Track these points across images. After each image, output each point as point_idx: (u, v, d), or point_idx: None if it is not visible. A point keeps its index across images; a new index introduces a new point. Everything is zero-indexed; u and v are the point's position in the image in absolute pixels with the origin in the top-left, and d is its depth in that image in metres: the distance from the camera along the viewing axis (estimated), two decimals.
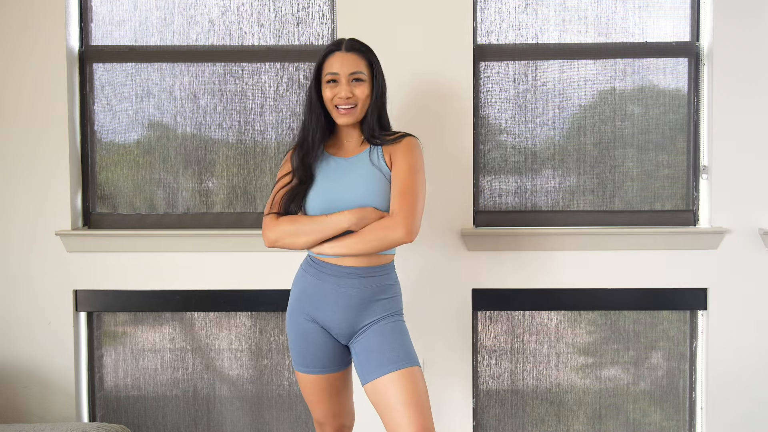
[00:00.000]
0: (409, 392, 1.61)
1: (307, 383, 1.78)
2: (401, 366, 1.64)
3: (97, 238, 2.33)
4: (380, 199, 1.71)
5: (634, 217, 2.39)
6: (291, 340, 1.79)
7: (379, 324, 1.71)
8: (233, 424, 2.45)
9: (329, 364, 1.76)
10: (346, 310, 1.71)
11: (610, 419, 2.44)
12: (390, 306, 1.75)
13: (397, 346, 1.67)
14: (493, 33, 2.38)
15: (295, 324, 1.77)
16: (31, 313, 2.35)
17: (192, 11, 2.40)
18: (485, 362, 2.43)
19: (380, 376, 1.63)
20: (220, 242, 2.32)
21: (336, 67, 1.74)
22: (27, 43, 2.31)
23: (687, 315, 2.41)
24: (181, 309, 2.39)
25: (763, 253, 2.31)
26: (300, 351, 1.76)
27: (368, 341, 1.70)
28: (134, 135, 2.42)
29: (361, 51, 1.76)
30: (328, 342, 1.75)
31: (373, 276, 1.73)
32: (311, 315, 1.75)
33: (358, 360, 1.71)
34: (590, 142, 2.39)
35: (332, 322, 1.72)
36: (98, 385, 2.46)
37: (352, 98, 1.73)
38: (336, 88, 1.74)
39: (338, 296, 1.71)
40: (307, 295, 1.75)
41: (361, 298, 1.71)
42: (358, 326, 1.72)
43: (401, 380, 1.62)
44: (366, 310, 1.72)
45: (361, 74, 1.74)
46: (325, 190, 1.74)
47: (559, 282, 2.34)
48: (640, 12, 2.38)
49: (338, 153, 1.81)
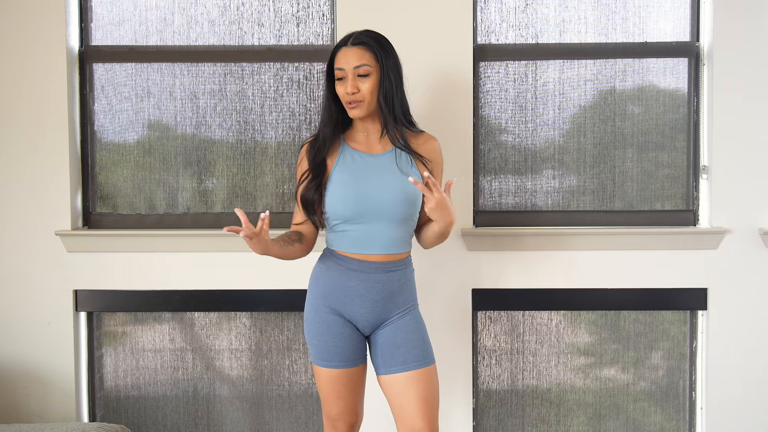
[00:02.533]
0: (425, 389, 1.73)
1: (327, 378, 1.78)
2: (421, 365, 1.74)
3: (97, 238, 2.33)
4: (415, 205, 1.78)
5: (634, 217, 2.39)
6: (313, 335, 1.79)
7: (403, 319, 1.79)
8: (233, 424, 2.45)
9: (351, 357, 1.77)
10: (374, 304, 1.76)
11: (610, 419, 2.44)
12: (411, 297, 1.83)
13: (420, 343, 1.77)
14: (493, 33, 2.38)
15: (318, 319, 1.79)
16: (31, 313, 2.35)
17: (192, 11, 2.40)
18: (485, 362, 2.43)
19: (401, 372, 1.74)
20: (220, 242, 2.32)
21: (341, 63, 1.75)
22: (27, 43, 2.31)
23: (687, 315, 2.41)
24: (181, 309, 2.39)
25: (763, 253, 2.31)
26: (322, 345, 1.78)
27: (393, 335, 1.77)
28: (134, 135, 2.42)
29: (367, 44, 1.74)
30: (352, 335, 1.78)
31: (398, 270, 1.79)
32: (337, 310, 1.78)
33: (380, 351, 1.78)
34: (590, 142, 2.39)
35: (359, 316, 1.77)
36: (98, 385, 2.45)
37: (358, 94, 1.73)
38: (344, 84, 1.74)
39: (366, 291, 1.76)
40: (332, 290, 1.78)
41: (388, 291, 1.77)
42: (384, 318, 1.79)
43: (420, 378, 1.73)
44: (391, 302, 1.78)
45: (365, 67, 1.73)
46: (354, 187, 1.75)
47: (559, 282, 2.34)
48: (640, 12, 2.38)
49: (360, 147, 1.81)
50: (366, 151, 1.81)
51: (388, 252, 1.77)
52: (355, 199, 1.74)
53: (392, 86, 1.76)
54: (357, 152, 1.80)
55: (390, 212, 1.74)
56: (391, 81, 1.75)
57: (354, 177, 1.76)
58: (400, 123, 1.80)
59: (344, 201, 1.74)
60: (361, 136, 1.83)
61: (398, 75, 1.79)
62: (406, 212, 1.76)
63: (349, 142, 1.83)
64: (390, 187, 1.74)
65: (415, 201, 1.77)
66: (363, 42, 1.75)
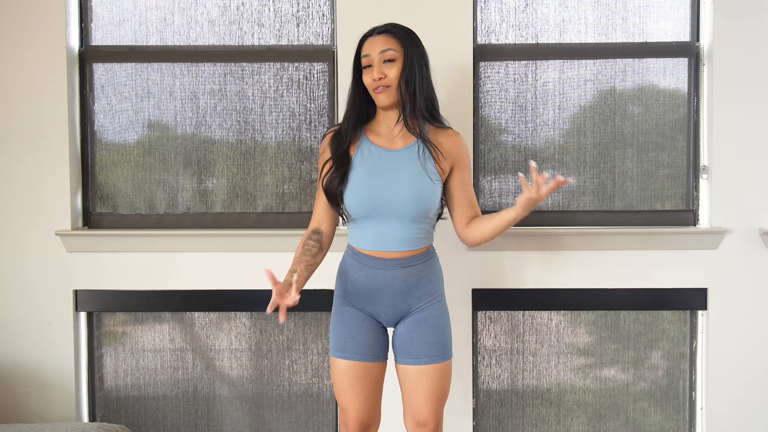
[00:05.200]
0: (435, 385, 1.76)
1: (342, 370, 1.79)
2: (433, 361, 1.76)
3: (97, 238, 2.33)
4: (428, 205, 1.76)
5: (634, 217, 2.39)
6: (333, 328, 1.82)
7: (424, 312, 1.79)
8: (233, 424, 2.45)
9: (366, 351, 1.78)
10: (393, 299, 1.78)
11: (610, 419, 2.44)
12: (434, 290, 1.81)
13: (435, 339, 1.77)
14: (493, 33, 2.38)
15: (338, 312, 1.82)
16: (31, 313, 2.35)
17: (192, 11, 2.40)
18: (485, 362, 2.43)
19: (414, 364, 1.77)
20: (220, 242, 2.32)
21: (368, 50, 1.76)
22: (27, 43, 2.31)
23: (687, 315, 2.41)
24: (181, 309, 2.39)
25: (763, 253, 2.31)
26: (340, 336, 1.79)
27: (411, 328, 1.78)
28: (134, 135, 2.42)
29: (393, 31, 1.76)
30: (371, 328, 1.80)
31: (416, 264, 1.79)
32: (358, 305, 1.80)
33: (399, 340, 1.80)
34: (590, 142, 2.39)
35: (380, 311, 1.79)
36: (98, 385, 2.45)
37: (385, 79, 1.73)
38: (370, 72, 1.75)
39: (385, 285, 1.77)
40: (353, 288, 1.80)
41: (406, 285, 1.77)
42: (406, 311, 1.80)
43: (431, 373, 1.76)
44: (411, 295, 1.78)
45: (391, 52, 1.73)
46: (366, 183, 1.74)
47: (559, 282, 2.34)
48: (640, 12, 2.38)
49: (379, 141, 1.80)
50: (385, 146, 1.79)
51: (404, 249, 1.77)
52: (365, 196, 1.73)
53: (415, 75, 1.75)
54: (375, 146, 1.79)
55: (403, 210, 1.73)
56: (414, 69, 1.75)
57: (368, 173, 1.75)
58: (421, 115, 1.77)
59: (356, 197, 1.74)
60: (383, 128, 1.82)
61: (424, 65, 1.78)
62: (420, 211, 1.75)
63: (369, 135, 1.82)
64: (403, 185, 1.73)
65: (429, 200, 1.75)
66: (389, 30, 1.77)
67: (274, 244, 2.30)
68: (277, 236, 2.30)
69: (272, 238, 2.30)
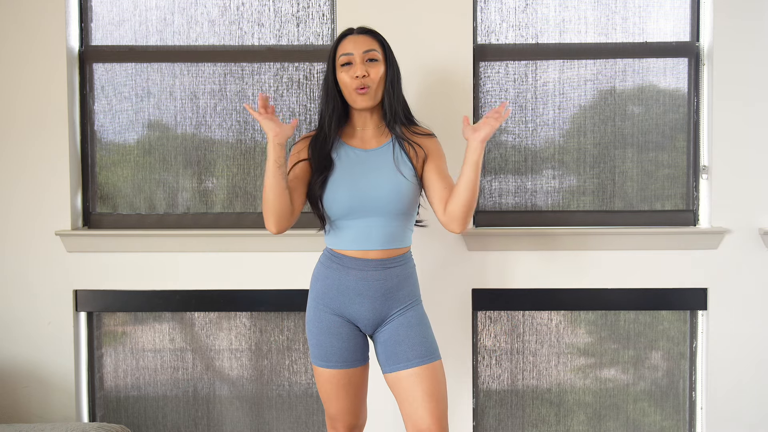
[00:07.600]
0: (431, 385, 1.71)
1: (326, 378, 1.78)
2: (426, 361, 1.72)
3: (97, 238, 2.33)
4: (406, 202, 1.76)
5: (634, 217, 2.39)
6: (312, 335, 1.80)
7: (404, 315, 1.77)
8: (233, 424, 2.45)
9: (350, 358, 1.77)
10: (373, 302, 1.75)
11: (610, 419, 2.44)
12: (412, 293, 1.81)
13: (423, 339, 1.75)
14: (493, 33, 2.38)
15: (317, 319, 1.79)
16: (31, 313, 2.35)
17: (192, 11, 2.40)
18: (485, 362, 2.43)
19: (406, 368, 1.72)
20: (220, 242, 2.32)
21: (350, 48, 1.75)
22: (27, 43, 2.31)
23: (687, 315, 2.41)
24: (181, 309, 2.39)
25: (763, 253, 2.31)
26: (321, 345, 1.78)
27: (395, 332, 1.75)
28: (134, 135, 2.42)
29: (373, 34, 1.80)
30: (351, 334, 1.78)
31: (396, 266, 1.78)
32: (337, 309, 1.77)
33: (384, 349, 1.76)
34: (590, 142, 2.39)
35: (360, 315, 1.76)
36: (98, 385, 2.45)
37: (367, 78, 1.74)
38: (351, 69, 1.75)
39: (365, 289, 1.75)
40: (330, 290, 1.78)
41: (387, 288, 1.76)
42: (385, 316, 1.77)
43: (425, 374, 1.71)
44: (392, 299, 1.77)
45: (375, 53, 1.75)
46: (350, 184, 1.74)
47: (559, 282, 2.34)
48: (640, 12, 2.38)
49: (354, 143, 1.81)
50: (360, 146, 1.81)
51: (387, 247, 1.76)
52: (351, 196, 1.74)
53: (397, 79, 1.80)
54: (351, 148, 1.80)
55: (386, 207, 1.74)
56: (393, 74, 1.79)
57: (347, 172, 1.76)
58: (399, 119, 1.81)
59: (341, 198, 1.74)
60: (356, 131, 1.83)
61: (399, 73, 1.82)
62: (400, 206, 1.75)
63: (344, 138, 1.83)
64: (385, 182, 1.74)
65: (407, 195, 1.76)
66: (370, 32, 1.80)
67: (273, 244, 2.30)
68: (276, 236, 2.30)
69: (272, 238, 2.30)
